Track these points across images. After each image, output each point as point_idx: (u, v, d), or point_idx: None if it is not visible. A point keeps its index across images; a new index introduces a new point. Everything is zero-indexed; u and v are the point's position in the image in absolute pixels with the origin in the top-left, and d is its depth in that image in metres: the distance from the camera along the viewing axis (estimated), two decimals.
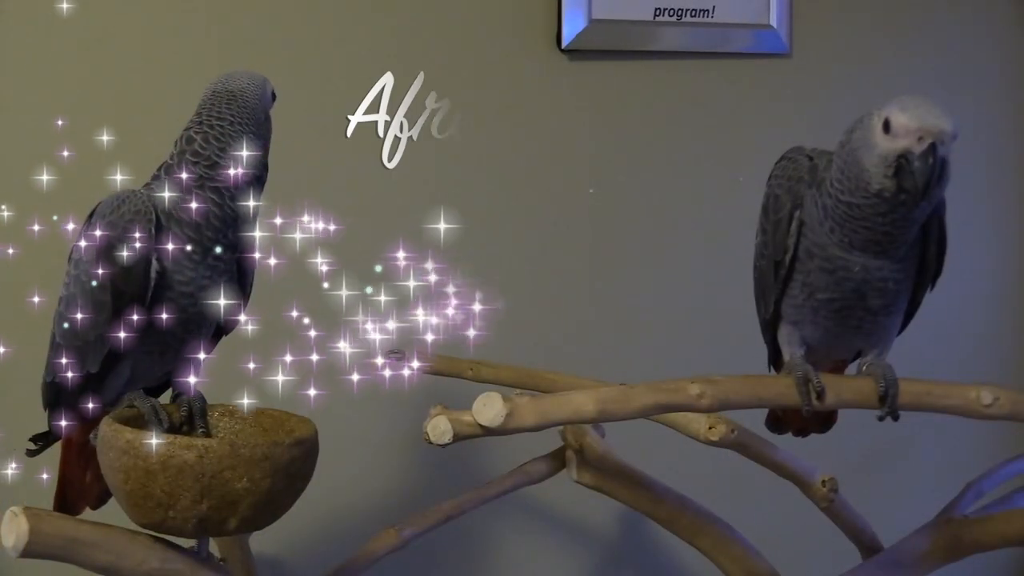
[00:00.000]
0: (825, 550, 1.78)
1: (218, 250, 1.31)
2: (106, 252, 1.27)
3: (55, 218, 1.48)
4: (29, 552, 1.11)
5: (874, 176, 1.22)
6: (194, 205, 1.28)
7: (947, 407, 1.31)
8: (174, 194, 1.29)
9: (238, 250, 1.35)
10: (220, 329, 1.42)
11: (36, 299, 1.47)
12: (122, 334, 1.28)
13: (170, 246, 1.28)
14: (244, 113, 1.33)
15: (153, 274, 1.27)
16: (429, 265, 2.14)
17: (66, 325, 1.33)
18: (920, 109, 1.19)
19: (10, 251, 1.86)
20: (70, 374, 1.34)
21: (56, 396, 1.38)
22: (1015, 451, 1.91)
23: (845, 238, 1.28)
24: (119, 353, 1.31)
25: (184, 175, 1.29)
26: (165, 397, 1.41)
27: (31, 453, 1.45)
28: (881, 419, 1.34)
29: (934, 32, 2.42)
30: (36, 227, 1.78)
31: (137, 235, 1.26)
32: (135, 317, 1.28)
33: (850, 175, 1.24)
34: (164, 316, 1.29)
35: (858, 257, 1.29)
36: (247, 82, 1.36)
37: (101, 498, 1.44)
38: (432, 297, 2.13)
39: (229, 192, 1.30)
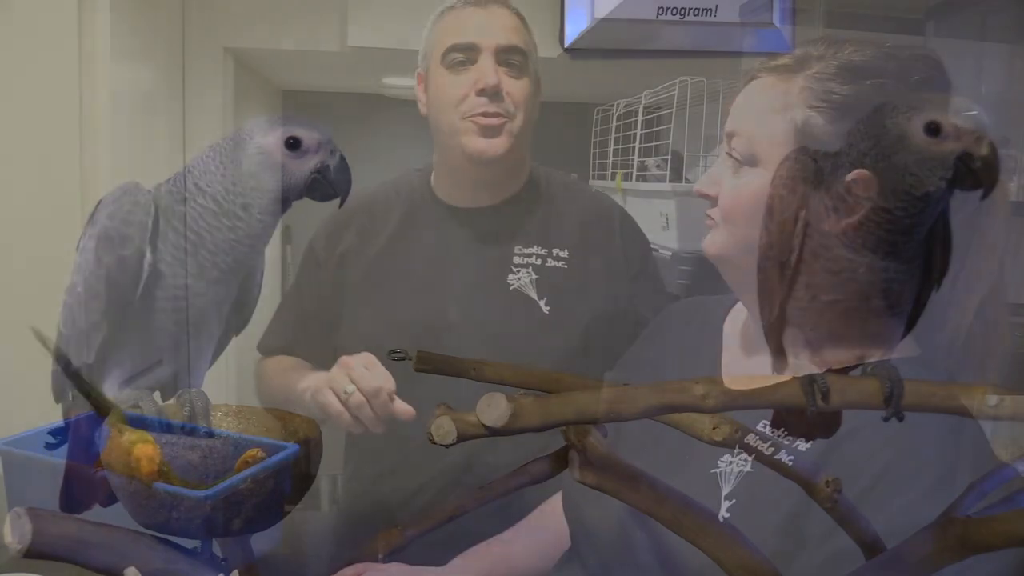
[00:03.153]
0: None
1: (214, 273, 1.30)
2: (104, 240, 1.27)
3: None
4: (32, 553, 1.10)
5: (927, 179, 1.22)
6: (187, 220, 1.28)
7: (952, 408, 1.31)
8: (173, 201, 1.29)
9: (239, 274, 1.33)
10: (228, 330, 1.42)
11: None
12: (114, 324, 1.29)
13: (164, 248, 1.28)
14: (224, 145, 1.29)
15: (146, 266, 1.26)
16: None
17: (66, 312, 1.34)
18: (970, 110, 1.21)
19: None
20: (69, 363, 1.34)
21: (62, 386, 1.40)
22: (1018, 451, 1.91)
23: (859, 239, 1.28)
24: (113, 344, 1.31)
25: (184, 189, 1.29)
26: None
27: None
28: (886, 420, 1.34)
29: (936, 31, 2.41)
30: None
31: (133, 225, 1.26)
32: (127, 309, 1.28)
33: (885, 180, 1.24)
34: (157, 313, 1.30)
35: (866, 258, 1.29)
36: (254, 118, 1.31)
37: (112, 496, 1.44)
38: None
39: (214, 219, 1.27)
